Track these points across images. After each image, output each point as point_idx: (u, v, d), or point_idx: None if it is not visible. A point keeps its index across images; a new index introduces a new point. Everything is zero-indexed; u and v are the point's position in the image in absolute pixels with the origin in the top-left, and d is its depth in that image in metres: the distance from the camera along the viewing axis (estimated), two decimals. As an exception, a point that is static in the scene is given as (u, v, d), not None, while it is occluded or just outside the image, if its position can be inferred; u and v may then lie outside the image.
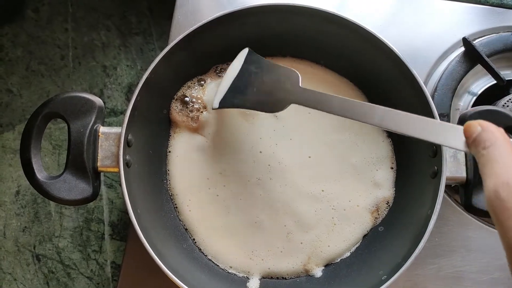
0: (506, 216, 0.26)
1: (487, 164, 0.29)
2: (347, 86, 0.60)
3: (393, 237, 0.53)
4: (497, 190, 0.27)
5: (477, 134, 0.32)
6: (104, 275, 0.67)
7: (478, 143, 0.32)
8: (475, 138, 0.32)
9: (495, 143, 0.30)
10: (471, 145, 0.33)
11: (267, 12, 0.53)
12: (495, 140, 0.30)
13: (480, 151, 0.31)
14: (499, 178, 0.27)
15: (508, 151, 0.30)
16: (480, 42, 0.63)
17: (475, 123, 0.33)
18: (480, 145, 0.31)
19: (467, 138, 0.33)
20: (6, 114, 0.73)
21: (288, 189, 0.55)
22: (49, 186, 0.46)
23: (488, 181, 0.28)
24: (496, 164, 0.29)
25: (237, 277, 0.54)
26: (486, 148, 0.30)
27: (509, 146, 0.30)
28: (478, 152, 0.31)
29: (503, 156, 0.29)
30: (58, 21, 0.76)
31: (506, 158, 0.29)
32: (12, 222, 0.69)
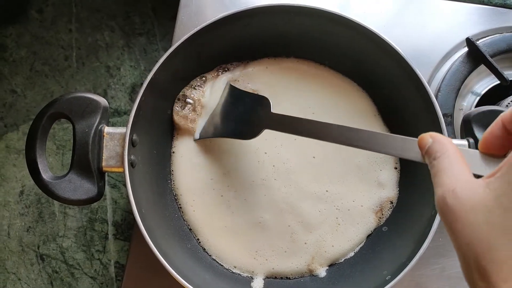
0: (453, 218, 0.28)
1: (437, 174, 0.31)
2: (351, 87, 0.60)
3: (397, 237, 0.53)
4: (445, 197, 0.29)
5: (429, 145, 0.33)
6: (108, 275, 0.67)
7: (429, 154, 0.33)
8: (427, 150, 0.33)
9: (445, 153, 0.32)
10: (425, 156, 0.34)
11: (271, 12, 0.53)
12: (445, 150, 0.32)
13: (431, 161, 0.32)
14: (446, 187, 0.29)
15: (456, 160, 0.31)
16: (484, 42, 0.63)
17: (427, 135, 0.34)
18: (431, 156, 0.33)
19: (421, 149, 0.35)
20: (10, 115, 0.73)
21: (293, 190, 0.56)
22: (55, 186, 0.46)
23: (437, 189, 0.30)
24: (444, 173, 0.30)
25: (241, 277, 0.54)
26: (436, 159, 0.32)
27: (457, 155, 0.31)
28: (430, 163, 0.33)
29: (451, 166, 0.30)
30: (62, 21, 0.77)
31: (454, 168, 0.30)
32: (16, 222, 0.69)
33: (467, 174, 0.30)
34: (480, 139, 0.35)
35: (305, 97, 0.59)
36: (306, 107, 0.59)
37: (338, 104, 0.59)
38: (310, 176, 0.56)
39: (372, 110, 0.59)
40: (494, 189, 0.27)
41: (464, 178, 0.29)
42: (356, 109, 0.59)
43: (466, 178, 0.29)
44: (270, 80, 0.60)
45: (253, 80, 0.59)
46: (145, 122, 0.51)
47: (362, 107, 0.59)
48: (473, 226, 0.27)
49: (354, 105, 0.59)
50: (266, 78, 0.60)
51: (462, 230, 0.27)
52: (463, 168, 0.30)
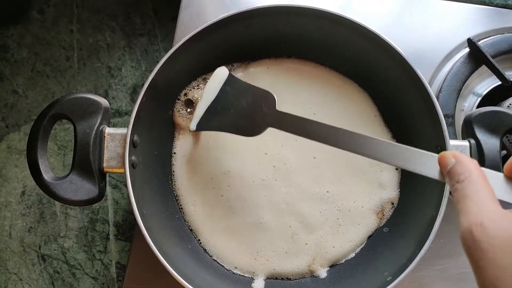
0: (480, 256, 0.27)
1: (461, 201, 0.30)
2: (351, 87, 0.60)
3: (398, 238, 0.53)
4: (471, 230, 0.27)
5: (452, 166, 0.32)
6: (109, 275, 0.67)
7: (452, 175, 0.32)
8: (449, 170, 0.32)
9: (469, 178, 0.30)
10: (446, 177, 0.33)
11: (271, 13, 0.53)
12: (469, 174, 0.31)
13: (454, 184, 0.31)
14: (473, 218, 0.28)
15: (482, 187, 0.30)
16: (485, 43, 0.63)
17: (449, 155, 0.33)
18: (454, 178, 0.31)
19: (442, 168, 0.34)
20: (12, 115, 0.73)
21: (293, 190, 0.56)
22: (56, 187, 0.46)
23: (463, 219, 0.28)
24: (470, 201, 0.29)
25: (242, 277, 0.54)
26: (460, 182, 0.30)
27: (483, 181, 0.30)
28: (453, 186, 0.31)
29: (477, 192, 0.29)
30: (63, 22, 0.77)
31: (480, 195, 0.29)
32: (18, 222, 0.69)
33: (494, 203, 0.28)
34: (506, 164, 0.33)
35: (306, 97, 0.59)
36: (307, 107, 0.59)
37: (338, 105, 0.59)
38: (311, 177, 0.56)
39: (373, 111, 0.59)
40: None
41: (492, 208, 0.28)
42: (357, 109, 0.59)
43: (493, 208, 0.28)
44: (271, 80, 0.60)
45: (254, 80, 0.59)
46: (146, 123, 0.51)
47: (362, 107, 0.59)
48: (501, 268, 0.26)
49: (354, 105, 0.59)
50: (268, 79, 0.60)
51: (489, 269, 0.26)
52: (490, 196, 0.29)
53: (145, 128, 0.51)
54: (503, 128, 0.49)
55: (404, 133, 0.57)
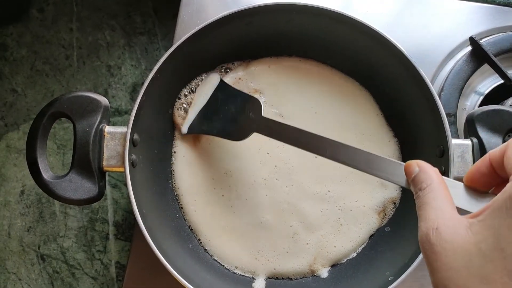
0: (434, 258, 0.28)
1: (421, 207, 0.31)
2: (353, 86, 0.59)
3: (399, 238, 0.52)
4: (428, 234, 0.29)
5: (415, 174, 0.34)
6: (109, 275, 0.67)
7: (415, 183, 0.33)
8: (413, 178, 0.34)
9: (430, 185, 0.32)
10: (411, 185, 0.35)
11: (272, 11, 0.53)
12: (430, 182, 0.32)
13: (417, 191, 0.33)
14: (430, 223, 0.29)
15: (441, 194, 0.31)
16: (487, 42, 0.63)
17: (413, 163, 0.35)
18: (417, 186, 0.33)
19: (407, 177, 0.35)
20: (11, 114, 0.73)
21: (294, 190, 0.55)
22: (55, 186, 0.46)
23: (421, 224, 0.30)
24: (429, 207, 0.31)
25: (242, 277, 0.54)
26: (422, 190, 0.32)
27: (443, 188, 0.32)
28: (416, 193, 0.33)
29: (436, 199, 0.31)
30: (63, 21, 0.76)
31: (438, 202, 0.31)
32: (17, 222, 0.69)
33: (451, 209, 0.30)
34: (466, 173, 0.35)
35: (307, 96, 0.59)
36: (308, 106, 0.58)
37: (340, 103, 0.59)
38: (312, 176, 0.56)
39: (375, 110, 0.59)
40: (476, 233, 0.27)
41: (448, 215, 0.29)
42: (358, 108, 0.59)
43: (450, 214, 0.29)
44: (272, 79, 0.59)
45: (255, 79, 0.59)
46: (146, 122, 0.50)
47: (364, 106, 0.59)
48: (452, 270, 0.27)
49: (356, 104, 0.59)
50: (269, 77, 0.59)
51: (441, 271, 0.28)
52: (448, 203, 0.31)
53: (145, 127, 0.51)
54: (506, 127, 0.49)
55: (406, 132, 0.56)
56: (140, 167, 0.50)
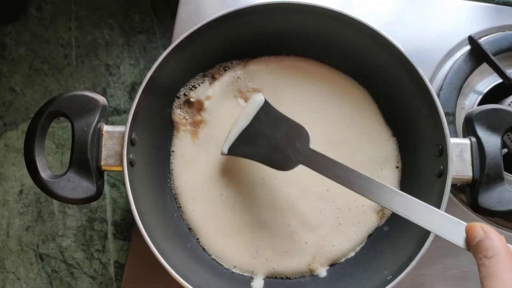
0: None
1: (489, 278, 0.31)
2: (352, 85, 0.59)
3: (398, 237, 0.52)
4: None
5: (480, 239, 0.33)
6: (108, 274, 0.67)
7: (480, 249, 0.33)
8: (477, 243, 0.33)
9: (497, 255, 0.31)
10: (473, 248, 0.34)
11: (271, 10, 0.53)
12: (497, 251, 0.32)
13: (481, 258, 0.32)
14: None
15: (509, 267, 0.31)
16: (486, 41, 0.63)
17: (478, 227, 0.34)
18: (481, 252, 0.33)
19: (469, 239, 0.35)
20: (9, 113, 0.73)
21: (293, 189, 0.55)
22: (53, 185, 0.46)
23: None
24: (497, 280, 0.30)
25: (241, 276, 0.54)
26: (488, 258, 0.32)
27: (510, 260, 0.31)
28: (480, 259, 0.32)
29: (505, 272, 0.30)
30: (62, 20, 0.76)
31: (506, 275, 0.30)
32: (16, 221, 0.69)
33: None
34: None
35: (306, 95, 0.59)
36: (307, 105, 0.58)
37: (339, 103, 0.59)
38: (311, 176, 0.55)
39: (373, 109, 0.59)
40: None
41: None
42: (357, 107, 0.59)
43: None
44: (271, 78, 0.59)
45: (254, 78, 0.59)
46: (144, 121, 0.50)
47: (363, 105, 0.59)
48: None
49: (355, 103, 0.59)
50: (267, 76, 0.59)
51: None
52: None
53: (144, 126, 0.51)
54: (504, 126, 0.49)
55: (404, 131, 0.56)
56: (138, 166, 0.50)
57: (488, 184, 0.47)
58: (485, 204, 0.47)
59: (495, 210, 0.47)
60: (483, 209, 0.47)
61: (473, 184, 0.48)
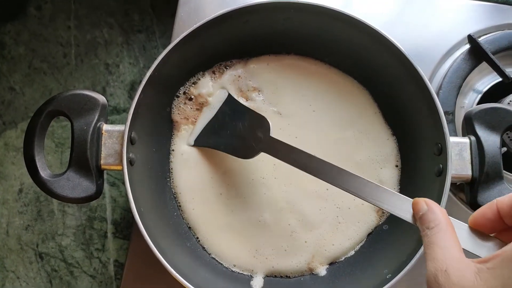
0: None
1: (429, 246, 0.32)
2: (351, 84, 0.59)
3: (398, 236, 0.52)
4: (436, 275, 0.29)
5: (423, 212, 0.35)
6: (107, 273, 0.67)
7: (423, 222, 0.34)
8: (421, 216, 0.35)
9: (438, 226, 0.33)
10: (418, 222, 0.36)
11: (271, 9, 0.53)
12: (438, 222, 0.33)
13: (424, 229, 0.34)
14: (439, 264, 0.30)
15: (449, 235, 0.32)
16: (485, 40, 0.63)
17: (421, 201, 0.36)
18: (425, 224, 0.34)
19: (415, 213, 0.37)
20: (9, 112, 0.73)
21: (293, 188, 0.55)
22: (53, 184, 0.46)
23: (429, 264, 0.31)
24: (437, 248, 0.31)
25: (241, 275, 0.54)
26: (430, 229, 0.33)
27: (451, 230, 0.33)
28: (423, 231, 0.34)
29: (444, 240, 0.32)
30: (61, 19, 0.76)
31: (447, 243, 0.31)
32: (15, 220, 0.69)
33: (459, 252, 0.31)
34: (471, 216, 0.36)
35: (305, 94, 0.59)
36: (307, 104, 0.58)
37: (338, 102, 0.59)
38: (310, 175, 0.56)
39: (373, 108, 0.59)
40: (484, 280, 0.28)
41: (456, 256, 0.30)
42: (357, 106, 0.59)
43: (458, 256, 0.30)
44: (271, 77, 0.59)
45: (254, 77, 0.59)
46: (144, 120, 0.50)
47: (362, 104, 0.59)
48: None
49: (354, 102, 0.59)
50: (267, 75, 0.59)
51: None
52: (456, 245, 0.31)
53: (143, 125, 0.51)
54: (504, 125, 0.49)
55: (404, 130, 0.56)
56: (138, 165, 0.50)
57: (488, 183, 0.47)
58: (484, 203, 0.47)
59: (494, 209, 0.47)
60: (482, 208, 0.47)
61: (472, 183, 0.48)
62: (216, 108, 0.57)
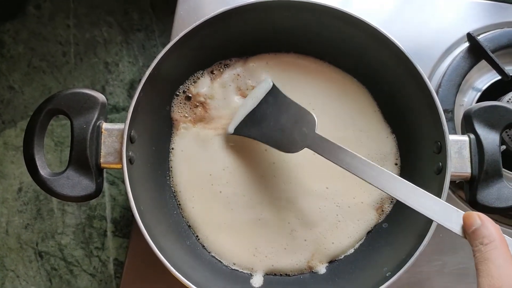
0: None
1: (483, 263, 0.32)
2: (351, 83, 0.59)
3: (397, 234, 0.52)
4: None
5: (477, 227, 0.35)
6: (107, 272, 0.67)
7: (476, 236, 0.34)
8: (474, 231, 0.35)
9: (493, 242, 0.33)
10: (469, 236, 0.35)
11: (270, 8, 0.53)
12: (493, 239, 0.33)
13: (477, 245, 0.34)
14: (494, 281, 0.30)
15: (504, 254, 0.32)
16: (485, 38, 0.63)
17: (475, 215, 0.36)
18: (478, 239, 0.34)
19: (466, 227, 0.36)
20: (8, 111, 0.73)
21: (292, 187, 0.55)
22: (53, 183, 0.46)
23: (483, 280, 0.31)
24: (492, 265, 0.31)
25: (240, 273, 0.54)
26: (484, 245, 0.33)
27: (505, 248, 0.32)
28: (476, 246, 0.34)
29: (499, 259, 0.32)
30: (60, 17, 0.76)
31: (501, 261, 0.31)
32: (15, 219, 0.69)
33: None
34: None
35: (305, 92, 0.59)
36: (306, 103, 0.58)
37: (338, 100, 0.59)
38: (310, 173, 0.56)
39: (372, 106, 0.59)
40: None
41: (509, 274, 0.30)
42: (356, 104, 0.59)
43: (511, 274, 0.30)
44: (270, 75, 0.59)
45: (254, 75, 0.59)
46: (143, 118, 0.50)
47: (362, 102, 0.59)
48: None
49: (354, 100, 0.59)
50: (267, 74, 0.59)
51: None
52: (510, 262, 0.31)
53: (143, 123, 0.51)
54: (503, 123, 0.49)
55: (403, 128, 0.57)
56: (137, 164, 0.50)
57: (487, 181, 0.47)
58: (484, 201, 0.47)
59: (493, 207, 0.47)
60: (482, 206, 0.47)
61: (471, 181, 0.48)
62: (259, 98, 0.55)
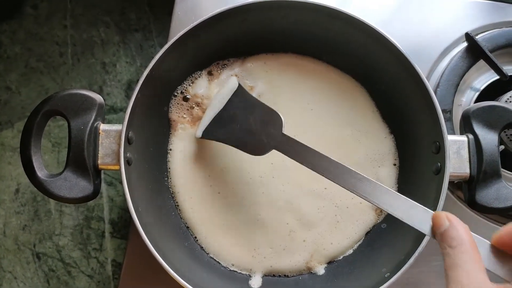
0: None
1: (453, 268, 0.31)
2: (349, 83, 0.59)
3: (396, 234, 0.52)
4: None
5: (445, 228, 0.33)
6: (105, 273, 0.66)
7: (445, 238, 0.33)
8: (442, 233, 0.34)
9: (461, 245, 0.32)
10: (438, 237, 0.34)
11: (268, 8, 0.53)
12: (461, 241, 0.32)
13: (446, 247, 0.32)
14: (461, 286, 0.29)
15: (473, 257, 0.31)
16: (483, 37, 0.63)
17: (443, 216, 0.34)
18: (446, 242, 0.33)
19: (435, 228, 0.35)
20: (5, 112, 0.72)
21: (291, 187, 0.55)
22: (50, 184, 0.46)
23: (451, 286, 0.30)
24: (461, 271, 0.30)
25: (239, 274, 0.54)
26: (453, 248, 0.32)
27: (474, 251, 0.31)
28: (444, 249, 0.33)
29: (468, 262, 0.31)
30: (57, 18, 0.76)
31: (470, 265, 0.30)
32: (12, 220, 0.68)
33: (482, 275, 0.30)
34: (495, 235, 0.34)
35: (303, 92, 0.59)
36: (305, 102, 0.58)
37: (336, 100, 0.59)
38: (308, 174, 0.55)
39: (371, 106, 0.59)
40: None
41: (481, 280, 0.29)
42: (355, 104, 0.59)
43: (483, 280, 0.29)
44: (268, 75, 0.59)
45: (251, 75, 0.59)
46: (141, 119, 0.50)
47: (360, 102, 0.59)
48: None
49: (352, 100, 0.59)
50: (265, 74, 0.59)
51: None
52: (480, 267, 0.30)
53: (141, 124, 0.50)
54: (501, 123, 0.49)
55: (402, 128, 0.56)
56: (135, 165, 0.49)
57: (486, 181, 0.47)
58: (483, 201, 0.47)
59: (492, 207, 0.47)
60: (481, 206, 0.47)
61: (470, 181, 0.48)
62: (226, 98, 0.53)
